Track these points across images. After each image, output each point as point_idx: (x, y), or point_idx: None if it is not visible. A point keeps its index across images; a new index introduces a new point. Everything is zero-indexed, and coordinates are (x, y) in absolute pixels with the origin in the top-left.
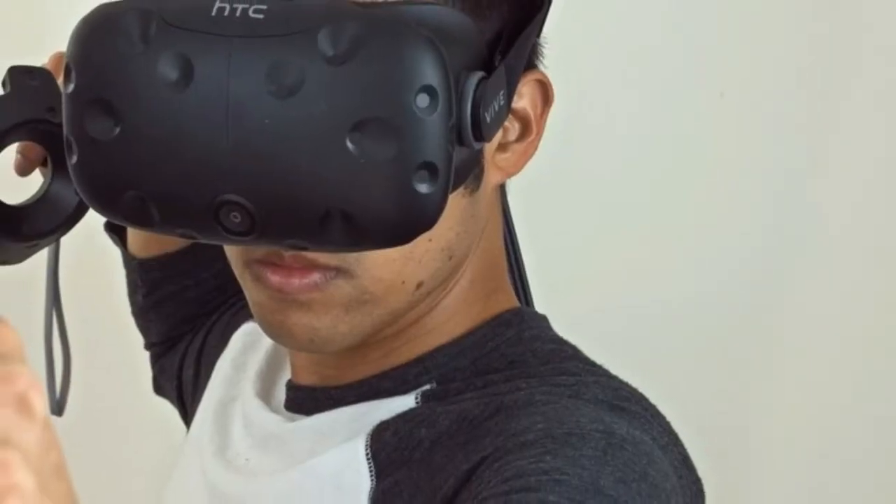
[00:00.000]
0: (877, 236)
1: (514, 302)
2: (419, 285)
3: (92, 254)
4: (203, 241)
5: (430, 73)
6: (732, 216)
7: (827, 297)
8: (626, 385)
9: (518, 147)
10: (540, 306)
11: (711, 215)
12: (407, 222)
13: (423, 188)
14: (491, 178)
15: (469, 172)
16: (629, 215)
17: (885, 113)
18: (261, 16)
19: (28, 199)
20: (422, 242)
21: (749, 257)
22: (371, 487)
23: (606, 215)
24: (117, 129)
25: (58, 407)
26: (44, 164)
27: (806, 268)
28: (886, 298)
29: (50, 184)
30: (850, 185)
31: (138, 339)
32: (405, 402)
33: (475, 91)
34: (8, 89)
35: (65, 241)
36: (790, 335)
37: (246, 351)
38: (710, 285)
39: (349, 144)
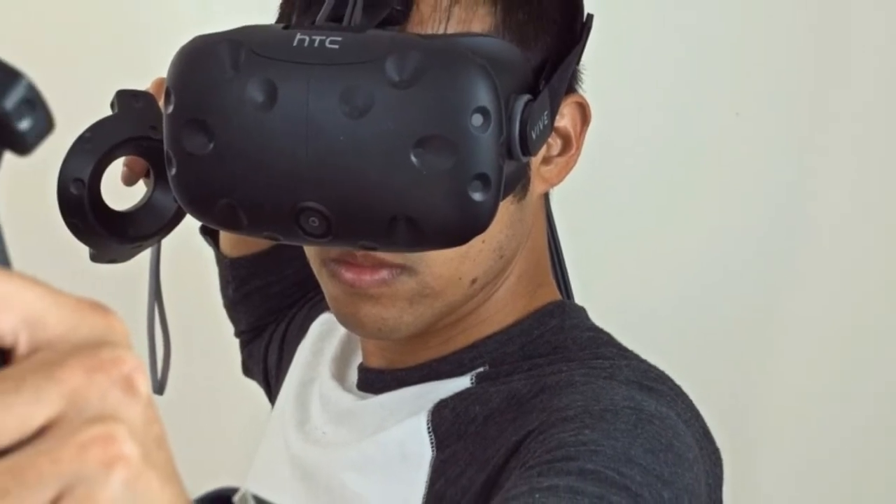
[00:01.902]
0: (864, 239)
1: (556, 295)
2: (474, 281)
3: (189, 253)
4: (285, 242)
5: (483, 96)
6: (742, 221)
7: (821, 291)
8: (654, 367)
9: (560, 161)
10: (579, 299)
11: (724, 220)
12: (463, 226)
13: (477, 196)
14: (536, 187)
15: (517, 182)
16: (656, 220)
17: (875, 134)
18: (336, 46)
19: (133, 206)
20: (476, 243)
21: (756, 256)
22: (432, 457)
23: (636, 220)
24: (211, 145)
25: (159, 386)
26: (147, 175)
27: (805, 265)
28: (870, 291)
29: (152, 193)
30: (843, 196)
31: (229, 327)
32: (461, 383)
33: (523, 112)
34: (116, 110)
35: (165, 242)
36: (790, 323)
37: (323, 338)
38: (723, 279)
39: (413, 158)
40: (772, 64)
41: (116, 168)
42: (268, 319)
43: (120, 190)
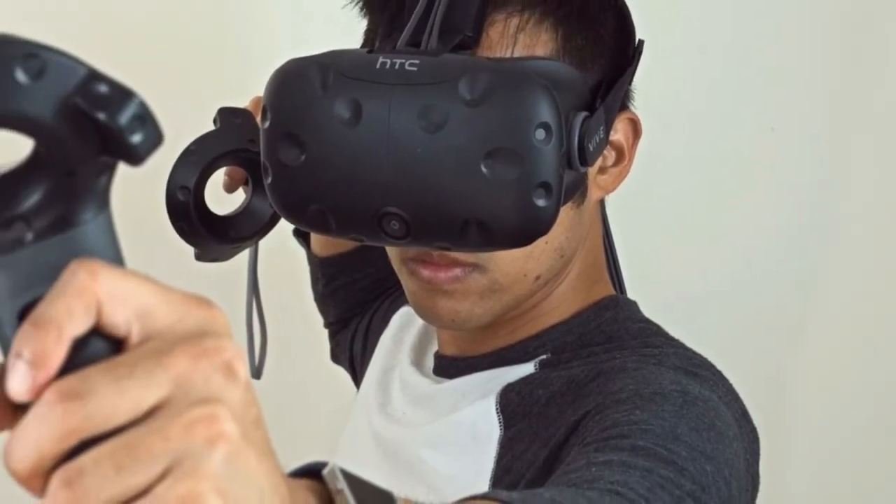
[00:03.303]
0: (883, 239)
1: (611, 290)
2: (537, 277)
3: (283, 254)
4: (369, 243)
5: (546, 112)
6: (776, 224)
7: (850, 286)
8: (698, 355)
9: (614, 171)
10: (631, 293)
11: (760, 223)
12: (528, 229)
13: (540, 202)
14: (593, 194)
15: (576, 190)
16: (699, 223)
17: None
18: (414, 68)
19: (233, 211)
20: (540, 244)
21: (789, 257)
22: (500, 434)
23: (681, 224)
24: (303, 157)
25: (256, 372)
26: (245, 183)
27: (832, 263)
28: (889, 288)
29: (250, 199)
30: (866, 201)
31: (319, 319)
32: (526, 369)
33: (581, 127)
34: (218, 125)
35: (262, 243)
36: (820, 316)
37: (403, 329)
38: (759, 276)
39: (483, 168)
40: (804, 83)
41: (218, 177)
42: (353, 312)
43: (221, 197)
